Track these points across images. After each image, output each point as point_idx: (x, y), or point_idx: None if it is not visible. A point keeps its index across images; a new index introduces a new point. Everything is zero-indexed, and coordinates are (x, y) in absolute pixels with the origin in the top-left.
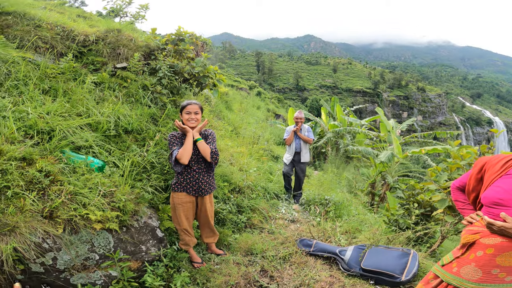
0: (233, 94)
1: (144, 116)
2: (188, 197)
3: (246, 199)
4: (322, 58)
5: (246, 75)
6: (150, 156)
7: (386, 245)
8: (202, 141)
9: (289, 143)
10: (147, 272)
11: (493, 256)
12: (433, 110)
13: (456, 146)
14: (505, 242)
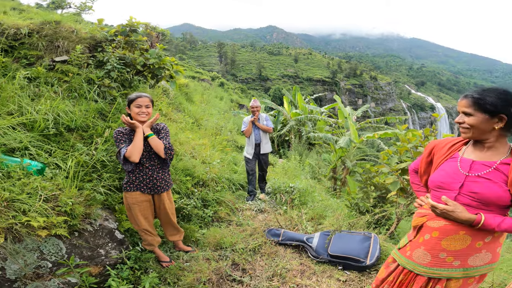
0: (194, 85)
1: (90, 111)
2: (144, 196)
3: (211, 192)
4: (284, 49)
5: (208, 66)
6: (100, 154)
7: (349, 230)
8: (154, 136)
9: (248, 135)
10: (111, 276)
11: (439, 239)
12: (384, 97)
13: (403, 130)
14: (448, 226)
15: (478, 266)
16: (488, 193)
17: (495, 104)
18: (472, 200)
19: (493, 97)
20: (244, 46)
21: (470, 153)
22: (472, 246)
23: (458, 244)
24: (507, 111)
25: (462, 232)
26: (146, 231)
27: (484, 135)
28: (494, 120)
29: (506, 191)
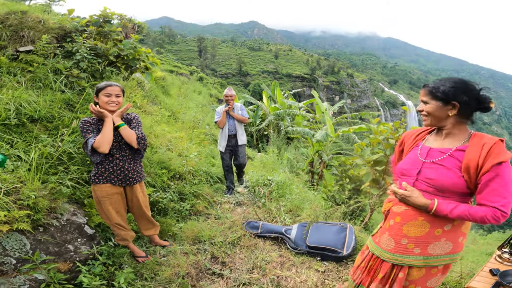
0: (172, 79)
1: (56, 102)
2: (114, 188)
3: (188, 185)
4: (264, 45)
5: (187, 61)
6: (66, 146)
7: (325, 221)
8: (125, 126)
9: (222, 125)
10: (82, 272)
11: (401, 225)
12: (359, 94)
13: (376, 123)
14: (409, 211)
15: (438, 255)
16: (441, 179)
17: (446, 92)
18: (428, 186)
19: (446, 85)
20: (224, 41)
21: (431, 141)
22: (431, 234)
23: (417, 230)
24: (459, 98)
25: (421, 218)
26: (119, 225)
27: (441, 122)
28: (448, 107)
29: (460, 177)
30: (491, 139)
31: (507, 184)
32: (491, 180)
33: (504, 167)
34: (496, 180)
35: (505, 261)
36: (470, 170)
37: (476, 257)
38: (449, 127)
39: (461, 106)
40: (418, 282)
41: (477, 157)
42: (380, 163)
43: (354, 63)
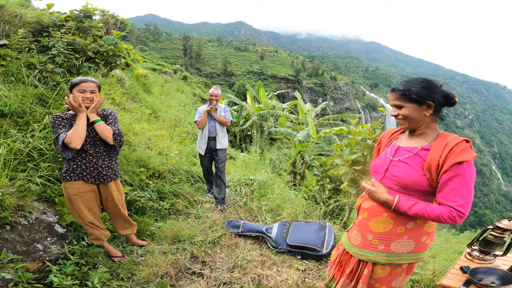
0: (154, 77)
1: (28, 97)
2: (87, 185)
3: (168, 184)
4: (251, 45)
5: (171, 59)
6: (37, 142)
7: (305, 220)
8: (101, 122)
9: (201, 126)
10: (52, 272)
11: (367, 220)
12: (342, 96)
13: (354, 124)
14: (375, 207)
15: (401, 254)
16: (405, 177)
17: (420, 92)
18: (394, 183)
19: (416, 86)
20: (211, 40)
21: (402, 140)
22: (394, 231)
23: (381, 226)
24: (432, 97)
25: (385, 215)
26: (92, 224)
27: (419, 123)
28: (423, 107)
29: (422, 176)
30: (455, 139)
31: (467, 184)
32: (451, 179)
33: (465, 167)
34: (456, 180)
35: (475, 258)
36: (431, 168)
37: (449, 255)
38: (423, 127)
39: (435, 105)
40: (383, 281)
41: (438, 156)
42: (358, 163)
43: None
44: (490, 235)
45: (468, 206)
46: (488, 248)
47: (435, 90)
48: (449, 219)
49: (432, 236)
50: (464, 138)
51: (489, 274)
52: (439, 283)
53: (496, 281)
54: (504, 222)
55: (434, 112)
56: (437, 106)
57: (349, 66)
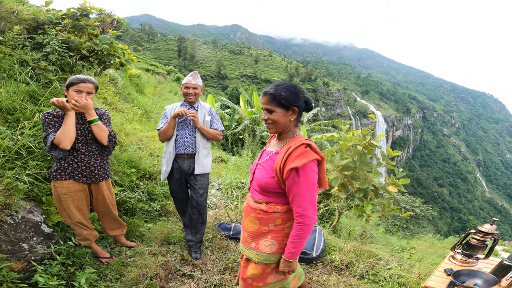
0: (147, 78)
1: (19, 94)
2: (78, 185)
3: (159, 185)
4: (246, 49)
5: (165, 60)
6: (26, 140)
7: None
8: (99, 122)
9: (165, 138)
10: (38, 272)
11: (243, 219)
12: (333, 103)
13: (345, 130)
14: (246, 207)
15: (268, 254)
16: (260, 179)
17: (288, 98)
18: (256, 185)
19: (285, 91)
20: (206, 42)
21: (270, 144)
22: (260, 230)
23: (251, 225)
24: (297, 103)
25: (252, 215)
26: (81, 224)
27: (285, 128)
28: (289, 112)
29: (272, 178)
30: (296, 143)
31: (303, 192)
32: (290, 186)
33: (300, 173)
34: (293, 188)
35: (458, 261)
36: (277, 172)
37: (433, 259)
38: (287, 131)
39: (299, 110)
40: (259, 280)
41: (280, 160)
42: (348, 168)
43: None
44: (472, 239)
45: (307, 211)
46: (471, 251)
47: (300, 95)
48: (302, 227)
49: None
50: (304, 142)
51: (472, 277)
52: (424, 285)
53: (479, 283)
54: (486, 226)
55: (297, 117)
56: (300, 111)
57: (342, 72)
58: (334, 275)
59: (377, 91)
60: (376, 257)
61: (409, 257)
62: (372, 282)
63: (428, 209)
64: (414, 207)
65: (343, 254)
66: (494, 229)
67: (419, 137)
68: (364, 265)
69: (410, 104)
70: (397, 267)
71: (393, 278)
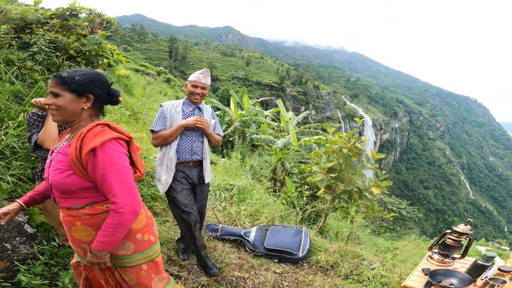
0: (137, 78)
1: (4, 93)
2: None
3: (146, 187)
4: (237, 51)
5: (155, 61)
6: (10, 140)
7: (282, 225)
8: None
9: (162, 143)
10: (21, 271)
11: (69, 232)
12: (323, 106)
13: (332, 133)
14: (64, 217)
15: (127, 256)
16: (55, 181)
17: (81, 83)
18: (55, 190)
19: (81, 76)
20: (198, 43)
21: (60, 142)
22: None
23: (85, 234)
24: (93, 90)
25: (78, 223)
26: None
27: (74, 116)
28: (82, 100)
29: (72, 175)
30: (89, 126)
31: (109, 175)
32: (93, 173)
33: (100, 153)
34: (97, 173)
35: (435, 261)
36: (76, 164)
37: (417, 260)
38: (78, 122)
39: (95, 99)
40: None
41: (75, 148)
42: (334, 171)
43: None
44: (448, 239)
45: (121, 194)
46: (447, 251)
47: (100, 84)
48: (119, 216)
49: (148, 230)
50: (100, 123)
51: (448, 276)
52: (403, 284)
53: (454, 282)
54: (460, 227)
55: (95, 107)
56: (99, 101)
57: (332, 75)
58: (320, 275)
59: (366, 95)
60: (360, 257)
61: (392, 258)
62: (356, 282)
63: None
64: (401, 208)
65: (329, 255)
66: (469, 229)
67: (405, 141)
68: (348, 265)
69: (398, 108)
70: (380, 267)
71: (376, 278)
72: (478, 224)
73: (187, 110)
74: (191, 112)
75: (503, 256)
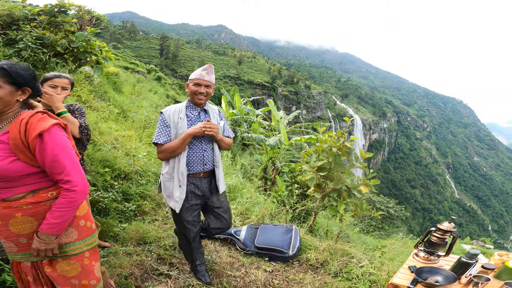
0: (126, 76)
1: None
2: None
3: (134, 185)
4: (230, 50)
5: (146, 58)
6: None
7: (273, 223)
8: (67, 114)
9: (170, 157)
10: (5, 271)
11: (5, 226)
12: (314, 105)
13: (322, 132)
14: (1, 210)
15: (71, 243)
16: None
17: (24, 77)
18: None
19: (23, 71)
20: (189, 42)
21: None
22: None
23: (26, 226)
24: (31, 84)
25: (19, 215)
26: None
27: (6, 107)
28: (19, 92)
29: (15, 161)
30: (30, 113)
31: (60, 156)
32: (42, 156)
33: (47, 136)
34: (46, 156)
35: (421, 258)
36: (20, 148)
37: (404, 258)
38: (8, 112)
39: (31, 92)
40: (83, 276)
41: (18, 134)
42: (324, 169)
43: (312, 75)
44: (433, 237)
45: (73, 173)
46: (432, 249)
47: (35, 78)
48: (74, 194)
49: (90, 217)
50: (37, 111)
51: (433, 274)
52: (390, 281)
53: (440, 280)
54: (444, 224)
55: (26, 99)
56: (32, 93)
57: (323, 75)
58: (310, 273)
59: (356, 95)
60: (350, 255)
61: (380, 256)
62: (345, 279)
63: (401, 209)
64: (389, 207)
65: (318, 253)
66: (452, 227)
67: (393, 140)
68: (338, 263)
69: (386, 108)
70: (368, 265)
71: (365, 276)
72: (463, 223)
73: (192, 114)
74: (196, 117)
75: (487, 255)
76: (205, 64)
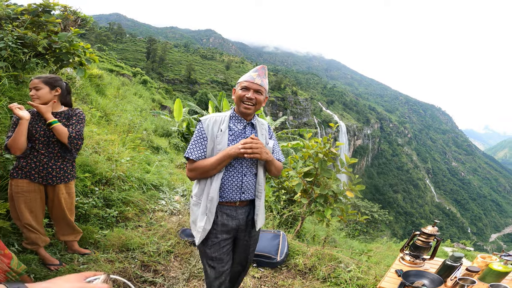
0: (110, 79)
1: None
2: (32, 185)
3: (116, 191)
4: (218, 54)
5: (132, 61)
6: None
7: (260, 229)
8: (57, 124)
9: (203, 177)
10: None
11: None
12: (301, 112)
13: (308, 138)
14: None
15: None
16: None
17: None
18: None
19: None
20: (177, 46)
21: None
22: None
23: None
24: None
25: None
26: (29, 226)
27: None
28: None
29: None
30: None
31: None
32: None
33: None
34: None
35: (407, 262)
36: None
37: (389, 261)
38: None
39: None
40: None
41: None
42: (310, 175)
43: (299, 81)
44: (417, 240)
45: None
46: (417, 252)
47: None
48: None
49: None
50: None
51: (420, 277)
52: (378, 286)
53: (426, 283)
54: (428, 228)
55: None
56: None
57: (310, 82)
58: (299, 278)
59: (341, 102)
60: (337, 260)
61: (367, 260)
62: (334, 284)
63: (385, 214)
64: (373, 212)
65: (306, 258)
66: (436, 231)
67: (377, 146)
68: (326, 268)
69: (370, 115)
70: (356, 269)
71: (353, 280)
72: (444, 226)
73: (236, 128)
74: (241, 132)
75: (468, 257)
76: (193, 68)
